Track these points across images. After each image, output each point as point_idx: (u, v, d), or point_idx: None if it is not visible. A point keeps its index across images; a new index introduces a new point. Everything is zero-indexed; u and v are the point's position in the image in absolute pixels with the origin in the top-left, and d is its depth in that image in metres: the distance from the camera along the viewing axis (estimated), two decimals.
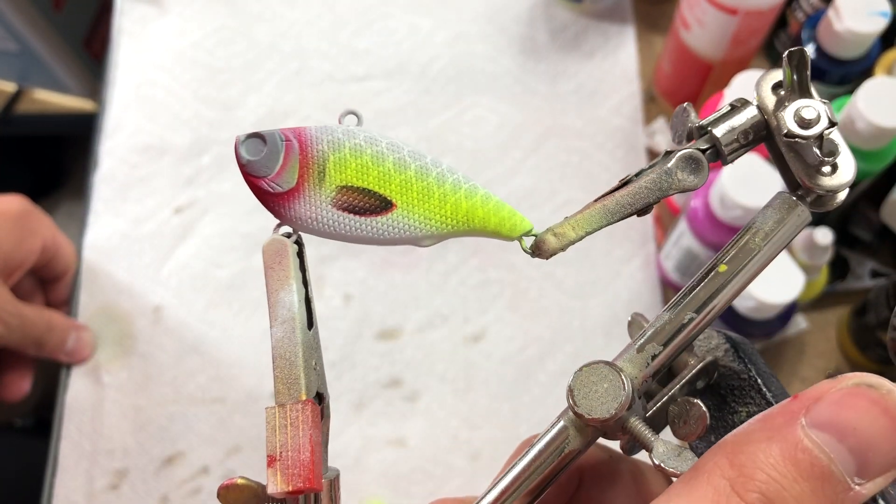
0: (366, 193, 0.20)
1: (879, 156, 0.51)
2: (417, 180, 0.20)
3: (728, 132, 0.20)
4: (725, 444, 0.17)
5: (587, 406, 0.19)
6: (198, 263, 0.64)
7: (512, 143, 0.67)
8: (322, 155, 0.20)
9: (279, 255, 0.21)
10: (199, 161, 0.67)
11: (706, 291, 0.20)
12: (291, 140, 0.20)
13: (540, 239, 0.20)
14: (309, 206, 0.20)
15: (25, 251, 0.55)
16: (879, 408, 0.15)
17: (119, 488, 0.57)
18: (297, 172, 0.20)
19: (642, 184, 0.20)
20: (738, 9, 0.54)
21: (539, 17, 0.72)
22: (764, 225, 0.21)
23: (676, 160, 0.20)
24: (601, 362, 0.19)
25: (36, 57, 0.94)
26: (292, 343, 0.21)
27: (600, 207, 0.20)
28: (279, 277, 0.21)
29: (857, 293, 0.61)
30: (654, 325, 0.21)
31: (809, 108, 0.20)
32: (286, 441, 0.19)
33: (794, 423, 0.16)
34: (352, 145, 0.20)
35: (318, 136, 0.20)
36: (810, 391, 0.16)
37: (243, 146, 0.20)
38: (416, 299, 0.62)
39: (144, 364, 0.60)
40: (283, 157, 0.20)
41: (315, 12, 0.72)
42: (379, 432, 0.59)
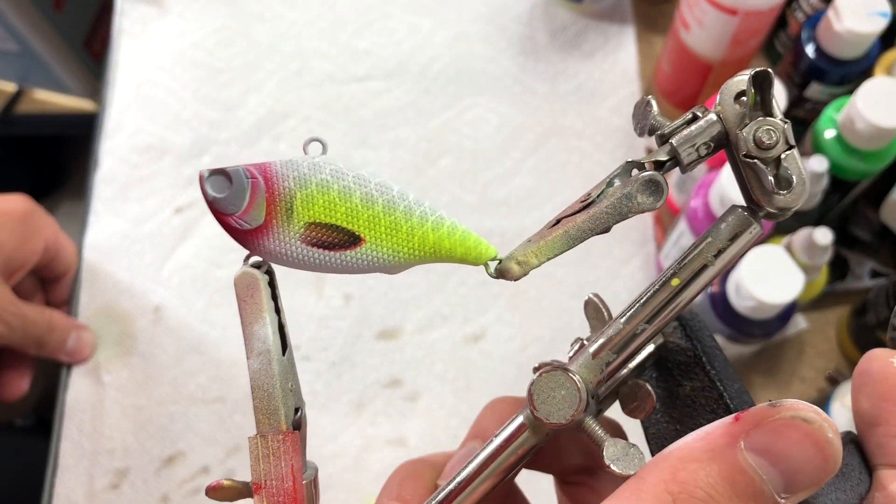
0: (334, 229, 0.20)
1: (879, 156, 0.51)
2: (385, 215, 0.21)
3: (688, 143, 0.21)
4: (670, 457, 0.18)
5: (545, 411, 0.20)
6: (198, 263, 0.64)
7: (512, 143, 0.67)
8: (289, 192, 0.20)
9: (251, 289, 0.21)
10: (200, 161, 0.67)
11: (657, 302, 0.21)
12: (257, 178, 0.20)
13: (504, 267, 0.21)
14: (278, 242, 0.21)
15: (28, 251, 0.55)
16: (811, 440, 0.17)
17: (119, 488, 0.57)
18: (265, 210, 0.20)
19: (602, 208, 0.21)
20: (738, 9, 0.54)
21: (539, 17, 0.72)
22: (717, 240, 0.21)
23: (637, 185, 0.20)
24: (559, 368, 0.21)
25: (36, 57, 0.94)
26: (269, 375, 0.21)
27: (562, 234, 0.21)
28: (252, 311, 0.21)
29: (857, 293, 0.61)
30: (609, 332, 0.22)
31: (769, 130, 0.20)
32: (269, 470, 0.21)
33: (734, 446, 0.17)
34: (318, 181, 0.20)
35: (283, 173, 0.20)
36: (751, 415, 0.18)
37: (208, 182, 0.20)
38: (416, 299, 0.62)
39: (145, 364, 0.61)
40: (250, 194, 0.20)
41: (315, 12, 0.73)
42: (379, 432, 0.59)
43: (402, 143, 0.67)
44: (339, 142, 0.67)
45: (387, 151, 0.67)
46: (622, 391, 0.22)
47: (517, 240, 0.63)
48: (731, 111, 0.21)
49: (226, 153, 0.67)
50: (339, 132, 0.68)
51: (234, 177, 0.20)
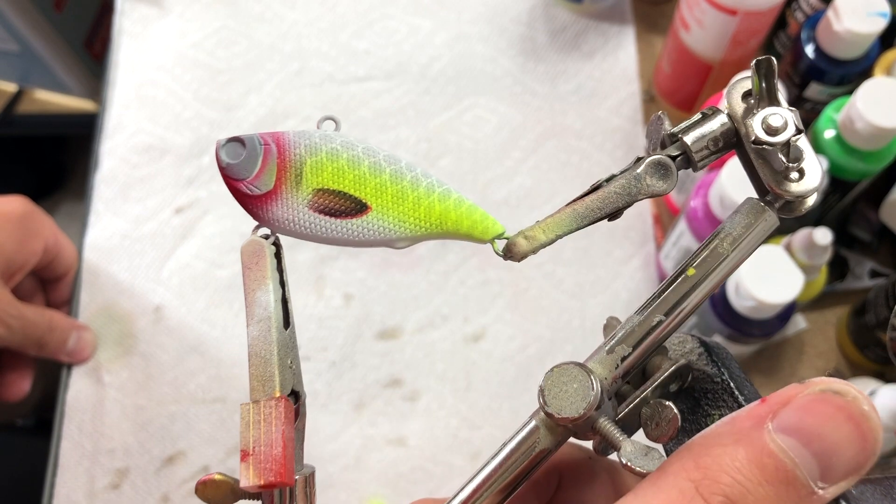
0: (341, 196, 0.21)
1: (879, 156, 0.52)
2: (392, 184, 0.21)
3: (698, 140, 0.21)
4: (692, 445, 0.17)
5: (557, 406, 0.19)
6: (198, 263, 0.64)
7: (511, 143, 0.67)
8: (299, 158, 0.21)
9: (256, 256, 0.21)
10: (200, 161, 0.67)
11: (675, 294, 0.21)
12: (270, 144, 0.21)
13: (511, 242, 0.21)
14: (286, 208, 0.21)
15: (28, 253, 0.55)
16: (844, 414, 0.15)
17: (120, 487, 0.57)
18: (275, 175, 0.21)
19: (612, 189, 0.20)
20: (738, 9, 0.54)
21: (539, 17, 0.72)
22: (733, 230, 0.21)
23: (646, 166, 0.20)
24: (571, 363, 0.20)
25: (37, 57, 0.94)
26: (267, 342, 0.21)
27: (570, 211, 0.21)
28: (256, 277, 0.21)
29: (857, 293, 0.61)
30: (624, 327, 0.21)
31: (776, 116, 0.20)
32: (259, 436, 0.20)
33: (761, 427, 0.16)
34: (328, 149, 0.21)
35: (295, 141, 0.21)
36: (778, 395, 0.16)
37: (223, 150, 0.21)
38: (416, 299, 0.62)
39: (145, 364, 0.61)
40: (262, 160, 0.21)
41: (315, 13, 0.73)
42: (379, 432, 0.59)
43: (402, 144, 0.67)
44: None
45: None
46: (644, 413, 0.21)
47: None
48: (738, 109, 0.21)
49: None
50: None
51: (248, 143, 0.21)
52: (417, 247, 0.64)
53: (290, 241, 0.64)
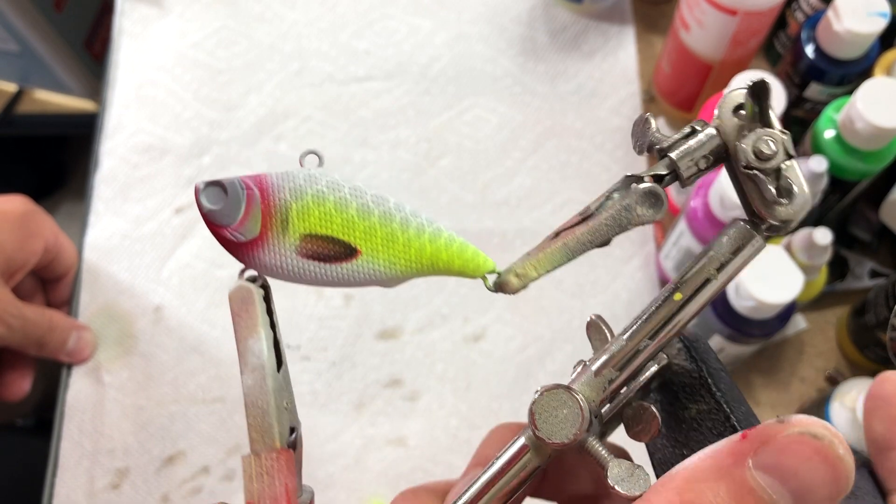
0: (330, 241, 0.20)
1: (878, 156, 0.52)
2: (381, 226, 0.20)
3: (686, 156, 0.20)
4: (676, 478, 0.18)
5: (548, 430, 0.20)
6: (198, 263, 0.64)
7: (512, 143, 0.67)
8: (284, 203, 0.20)
9: (245, 303, 0.21)
10: (200, 161, 0.67)
11: (660, 318, 0.21)
12: (252, 188, 0.20)
13: (503, 280, 0.21)
14: (273, 254, 0.20)
15: (28, 252, 0.55)
16: (821, 456, 0.16)
17: (120, 487, 0.57)
18: (260, 221, 0.20)
19: (602, 220, 0.20)
20: (738, 9, 0.54)
21: (539, 17, 0.72)
22: (719, 254, 0.21)
23: (637, 196, 0.20)
24: (561, 387, 0.20)
25: (37, 57, 0.94)
26: (263, 392, 0.21)
27: (561, 246, 0.20)
28: (247, 325, 0.21)
29: (857, 293, 0.61)
30: (612, 349, 0.21)
31: (768, 142, 0.20)
32: (263, 490, 0.20)
33: (742, 465, 0.17)
34: (314, 192, 0.20)
35: (279, 184, 0.20)
36: (758, 433, 0.17)
37: (204, 194, 0.20)
38: (415, 299, 0.62)
39: (145, 364, 0.61)
40: (245, 205, 0.20)
41: (315, 13, 0.73)
42: (379, 432, 0.59)
43: (402, 144, 0.67)
44: (340, 142, 0.68)
45: (387, 151, 0.67)
46: (626, 413, 0.22)
47: (517, 240, 0.64)
48: (729, 124, 0.20)
49: (226, 153, 0.67)
50: (340, 132, 0.68)
51: (229, 188, 0.20)
52: None
53: None
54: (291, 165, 0.70)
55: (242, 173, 0.21)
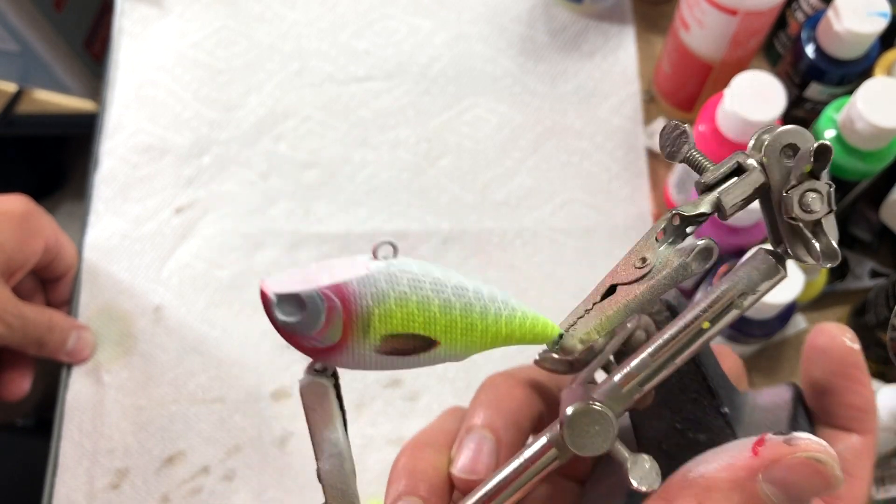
0: (411, 337, 0.20)
1: (879, 156, 0.52)
2: (462, 318, 0.20)
3: (734, 198, 0.21)
4: (695, 486, 0.20)
5: (580, 444, 0.21)
6: (198, 263, 0.64)
7: (511, 143, 0.67)
8: (367, 310, 0.19)
9: (320, 398, 0.21)
10: (200, 161, 0.67)
11: (685, 340, 0.22)
12: (333, 300, 0.19)
13: (567, 345, 0.22)
14: (353, 356, 0.20)
15: (28, 252, 0.55)
16: (821, 476, 0.20)
17: (120, 487, 0.57)
18: (341, 330, 0.19)
19: (661, 280, 0.21)
20: (738, 9, 0.54)
21: (539, 17, 0.72)
22: (748, 285, 0.22)
23: (695, 255, 0.21)
24: (594, 405, 0.21)
25: (37, 57, 0.94)
26: (342, 475, 0.22)
27: (623, 307, 0.21)
28: (322, 418, 0.21)
29: (857, 293, 0.61)
30: (638, 366, 0.22)
31: (817, 199, 0.20)
32: None
33: (754, 479, 0.20)
34: (397, 295, 0.19)
35: (361, 291, 0.19)
36: (769, 451, 0.20)
37: (278, 308, 0.18)
38: None
39: (145, 364, 0.61)
40: (325, 317, 0.19)
41: (315, 13, 0.73)
42: (379, 432, 0.59)
43: (402, 143, 0.67)
44: (340, 142, 0.68)
45: (387, 151, 0.67)
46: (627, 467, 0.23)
47: (517, 240, 0.63)
48: (776, 166, 0.21)
49: (226, 153, 0.67)
50: (339, 132, 0.68)
51: (308, 301, 0.19)
52: (418, 246, 0.64)
53: (290, 240, 0.64)
54: (291, 165, 0.69)
55: (243, 173, 0.20)
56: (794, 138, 0.21)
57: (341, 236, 0.64)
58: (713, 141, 0.54)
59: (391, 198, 0.65)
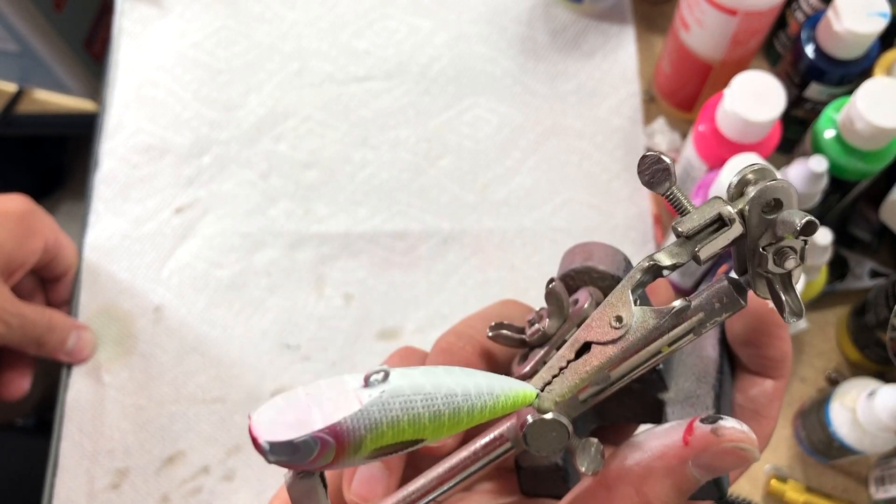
0: (400, 444, 0.20)
1: (879, 156, 0.52)
2: (450, 420, 0.21)
3: (712, 251, 0.21)
4: (632, 473, 0.23)
5: (537, 447, 0.22)
6: (198, 263, 0.64)
7: (511, 143, 0.67)
8: (360, 438, 0.19)
9: (308, 495, 0.21)
10: (200, 161, 0.67)
11: (643, 359, 0.23)
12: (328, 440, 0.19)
13: (544, 409, 0.22)
14: (342, 467, 0.21)
15: (27, 251, 0.55)
16: (743, 461, 0.22)
17: (120, 487, 0.57)
18: (333, 456, 0.19)
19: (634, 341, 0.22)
20: (738, 9, 0.54)
21: (539, 17, 0.72)
22: (709, 315, 0.22)
23: (670, 318, 0.22)
24: (553, 416, 0.22)
25: (37, 57, 0.94)
26: None
27: (597, 368, 0.22)
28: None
29: (857, 293, 0.61)
30: (600, 383, 0.24)
31: (793, 258, 0.21)
32: None
33: (685, 465, 0.22)
34: (389, 420, 0.20)
35: (354, 427, 0.19)
36: (698, 441, 0.22)
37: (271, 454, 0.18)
38: (416, 299, 0.62)
39: (145, 364, 0.61)
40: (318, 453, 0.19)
41: (315, 13, 0.73)
42: None
43: (402, 143, 0.67)
44: (340, 142, 0.68)
45: (387, 151, 0.67)
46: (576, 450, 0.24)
47: (517, 240, 0.63)
48: (756, 219, 0.21)
49: (226, 153, 0.67)
50: (339, 132, 0.68)
51: (302, 447, 0.19)
52: (418, 246, 0.64)
53: (290, 240, 0.64)
54: (291, 165, 0.69)
55: (243, 173, 0.20)
56: (780, 194, 0.21)
57: (341, 236, 0.64)
58: (713, 141, 0.54)
59: (391, 198, 0.65)
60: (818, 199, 0.53)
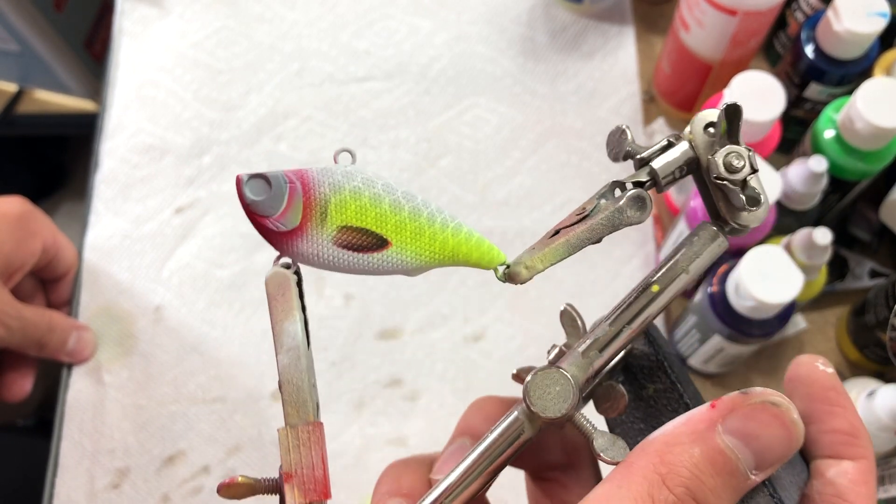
0: (364, 232, 0.22)
1: (878, 156, 0.52)
2: (410, 220, 0.22)
3: (665, 166, 0.23)
4: (655, 442, 0.20)
5: (541, 405, 0.22)
6: (199, 263, 0.64)
7: (512, 143, 0.67)
8: (324, 197, 0.22)
9: (282, 288, 0.22)
10: (200, 161, 0.67)
11: (638, 306, 0.24)
12: (295, 182, 0.21)
13: (513, 271, 0.23)
14: (311, 244, 0.22)
15: (26, 253, 0.55)
16: (779, 421, 0.20)
17: (120, 487, 0.57)
18: (301, 213, 0.21)
19: (598, 220, 0.23)
20: (738, 9, 0.54)
21: (539, 17, 0.72)
22: (690, 251, 0.24)
23: (627, 200, 0.23)
24: (554, 367, 0.23)
25: (37, 57, 0.94)
26: (298, 370, 0.23)
27: (564, 242, 0.23)
28: (283, 309, 0.22)
29: (857, 293, 0.61)
30: (596, 334, 0.24)
31: (738, 156, 0.22)
32: (300, 460, 0.22)
33: (713, 430, 0.20)
34: (351, 188, 0.22)
35: (319, 179, 0.22)
36: (724, 402, 0.20)
37: (247, 186, 0.21)
38: (416, 299, 0.62)
39: (145, 363, 0.61)
40: (288, 198, 0.21)
41: (315, 13, 0.73)
42: (379, 431, 0.59)
43: (403, 144, 0.67)
44: (340, 142, 0.68)
45: (387, 151, 0.67)
46: (597, 392, 0.25)
47: (517, 240, 0.63)
48: (700, 139, 0.23)
49: (226, 153, 0.67)
50: (340, 132, 0.68)
51: (273, 181, 0.21)
52: None
53: None
54: (292, 165, 0.70)
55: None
56: (715, 116, 0.23)
57: None
58: None
59: None
60: (818, 199, 0.53)
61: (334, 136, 0.68)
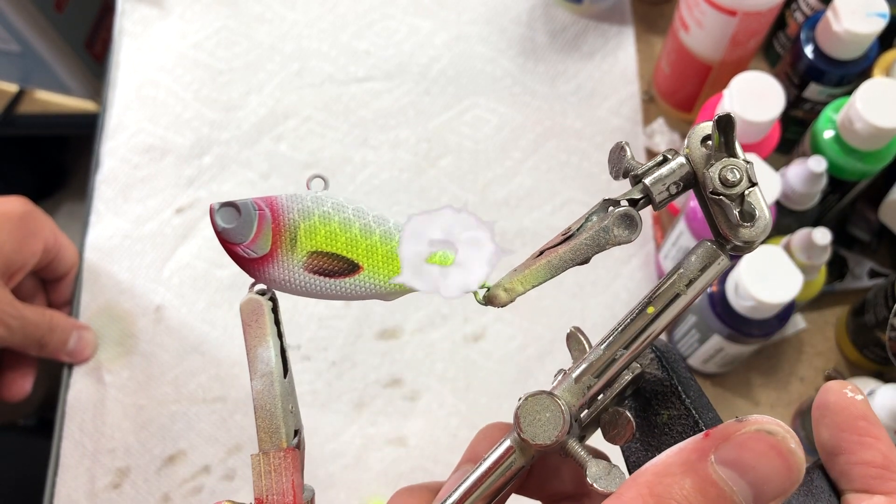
0: (335, 258, 0.22)
1: (878, 156, 0.52)
2: (382, 244, 0.22)
3: (659, 183, 0.22)
4: (646, 473, 0.19)
5: (532, 433, 0.21)
6: (199, 263, 0.64)
7: (511, 143, 0.67)
8: (293, 223, 0.22)
9: (256, 314, 0.23)
10: (201, 161, 0.67)
11: (635, 330, 0.23)
12: (264, 209, 0.22)
13: (492, 294, 0.23)
14: (282, 269, 0.22)
15: (27, 253, 0.55)
16: (775, 451, 0.18)
17: (121, 487, 0.58)
18: (271, 239, 0.22)
19: (582, 240, 0.22)
20: (737, 10, 0.54)
21: (538, 18, 0.72)
22: (688, 271, 0.23)
23: (613, 218, 0.22)
24: (544, 393, 0.22)
25: (38, 58, 0.94)
26: (271, 395, 0.22)
27: (545, 263, 0.22)
28: (257, 335, 0.23)
29: (856, 293, 0.61)
30: (590, 358, 0.23)
31: (733, 170, 0.21)
32: (271, 486, 0.22)
33: (705, 460, 0.18)
34: (321, 213, 0.22)
35: (288, 206, 0.22)
36: (719, 431, 0.19)
37: (218, 215, 0.22)
38: (416, 299, 0.62)
39: (146, 363, 0.61)
40: (257, 224, 0.22)
41: (316, 13, 0.73)
42: (379, 431, 0.59)
43: (403, 144, 0.68)
44: (340, 142, 0.68)
45: (387, 151, 0.67)
46: (604, 419, 0.24)
47: (517, 240, 0.64)
48: (697, 153, 0.22)
49: (226, 153, 0.67)
50: (340, 132, 0.68)
51: (242, 209, 0.22)
52: None
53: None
54: (292, 165, 0.70)
55: (243, 173, 0.22)
56: (710, 129, 0.22)
57: None
58: None
59: (391, 198, 0.66)
60: (817, 199, 0.53)
61: (334, 136, 0.68)
